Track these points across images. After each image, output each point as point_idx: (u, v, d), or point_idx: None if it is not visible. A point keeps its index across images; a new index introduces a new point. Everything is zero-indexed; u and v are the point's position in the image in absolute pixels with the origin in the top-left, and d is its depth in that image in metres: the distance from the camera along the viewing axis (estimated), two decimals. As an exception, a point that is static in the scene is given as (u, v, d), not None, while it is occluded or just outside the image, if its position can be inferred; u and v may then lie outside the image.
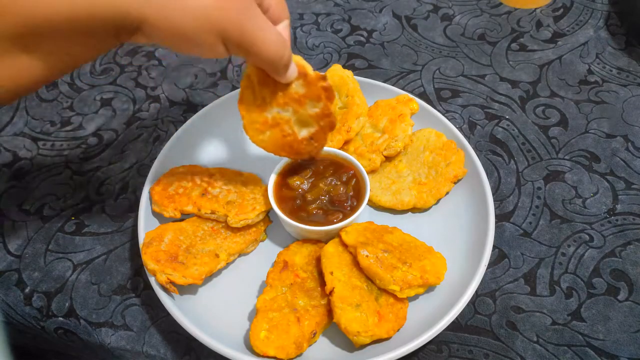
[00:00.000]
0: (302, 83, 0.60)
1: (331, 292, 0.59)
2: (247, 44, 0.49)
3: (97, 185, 0.80)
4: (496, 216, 0.71)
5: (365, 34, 1.00)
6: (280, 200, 0.68)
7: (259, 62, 0.54)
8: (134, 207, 0.76)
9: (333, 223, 0.66)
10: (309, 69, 0.60)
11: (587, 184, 0.78)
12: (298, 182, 0.69)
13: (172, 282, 0.62)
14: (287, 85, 0.60)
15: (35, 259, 0.72)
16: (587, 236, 0.72)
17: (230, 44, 0.48)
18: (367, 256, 0.61)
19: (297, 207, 0.68)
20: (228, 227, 0.68)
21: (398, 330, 0.61)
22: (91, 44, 0.45)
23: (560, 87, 0.90)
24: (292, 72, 0.58)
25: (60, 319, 0.67)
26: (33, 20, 0.41)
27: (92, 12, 0.42)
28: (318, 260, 0.65)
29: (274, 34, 0.51)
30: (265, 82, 0.60)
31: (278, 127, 0.64)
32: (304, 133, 0.64)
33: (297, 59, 0.59)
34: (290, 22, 0.59)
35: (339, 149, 0.74)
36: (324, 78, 0.60)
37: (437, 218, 0.73)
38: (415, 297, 0.64)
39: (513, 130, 0.84)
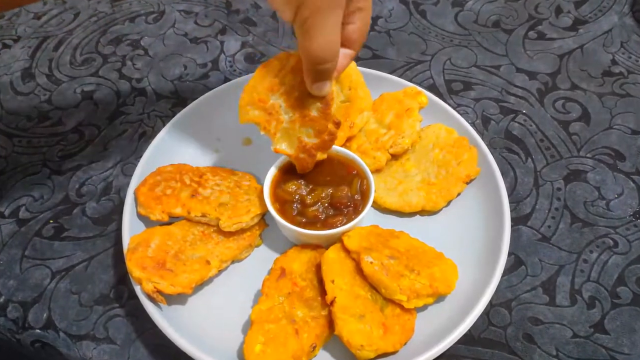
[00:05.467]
0: (319, 108, 0.64)
1: (332, 302, 0.59)
2: (307, 28, 0.54)
3: (77, 185, 0.80)
4: (512, 219, 0.71)
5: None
6: (277, 201, 0.69)
7: (302, 52, 0.58)
8: (117, 210, 0.76)
9: (335, 227, 0.66)
10: (333, 106, 0.64)
11: (611, 185, 0.78)
12: (294, 187, 0.69)
13: (159, 291, 0.62)
14: (308, 96, 0.63)
15: (11, 266, 0.72)
16: (611, 241, 0.72)
17: (298, 16, 0.53)
18: (371, 263, 0.61)
19: (296, 210, 0.68)
20: (220, 231, 0.68)
21: (405, 343, 0.61)
22: None
23: (582, 78, 0.90)
24: (321, 88, 0.61)
25: (38, 331, 0.67)
26: None
27: None
28: (318, 267, 0.65)
29: (333, 41, 0.55)
30: (297, 72, 0.62)
31: (267, 114, 0.65)
32: (282, 144, 0.67)
33: (336, 91, 0.63)
34: (356, 55, 0.63)
35: (341, 146, 0.74)
36: (337, 124, 0.66)
37: (447, 221, 0.73)
38: (424, 307, 0.64)
39: (530, 125, 0.85)
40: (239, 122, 0.67)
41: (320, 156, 0.68)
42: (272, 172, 0.70)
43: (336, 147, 0.72)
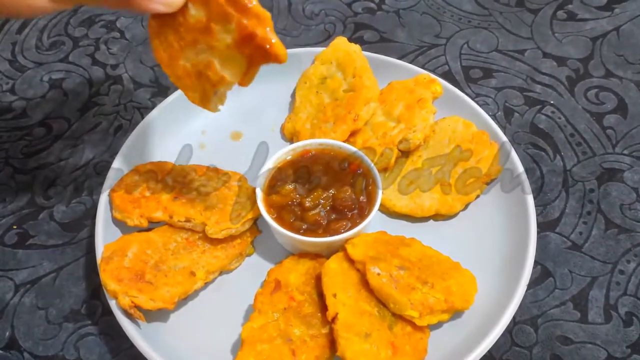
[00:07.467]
0: (199, 4, 0.58)
1: (334, 319, 0.59)
2: None
3: (44, 186, 0.80)
4: (538, 225, 0.71)
5: (376, -1, 1.00)
6: (271, 205, 0.68)
7: None
8: (90, 214, 0.76)
9: (337, 233, 0.66)
10: None
11: (651, 185, 0.78)
12: (291, 188, 0.69)
13: (137, 307, 0.62)
14: (183, 15, 0.59)
15: (-32, 278, 0.72)
16: (650, 250, 0.73)
17: None
18: (378, 274, 0.61)
19: (293, 214, 0.68)
20: (207, 238, 0.68)
21: (417, 365, 0.61)
22: None
23: (618, 65, 0.90)
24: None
25: (-1, 351, 0.67)
26: None
27: None
28: (318, 279, 0.65)
29: None
30: (165, 21, 0.59)
31: (205, 78, 0.61)
32: (232, 76, 0.61)
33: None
34: None
35: (344, 141, 0.74)
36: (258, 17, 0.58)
37: (465, 227, 0.73)
38: (439, 324, 0.64)
39: (559, 118, 0.85)
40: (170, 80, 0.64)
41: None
42: (265, 171, 0.70)
43: (338, 143, 0.72)
